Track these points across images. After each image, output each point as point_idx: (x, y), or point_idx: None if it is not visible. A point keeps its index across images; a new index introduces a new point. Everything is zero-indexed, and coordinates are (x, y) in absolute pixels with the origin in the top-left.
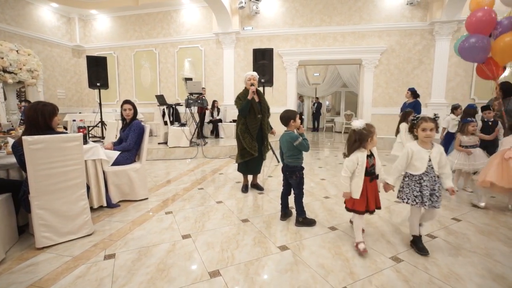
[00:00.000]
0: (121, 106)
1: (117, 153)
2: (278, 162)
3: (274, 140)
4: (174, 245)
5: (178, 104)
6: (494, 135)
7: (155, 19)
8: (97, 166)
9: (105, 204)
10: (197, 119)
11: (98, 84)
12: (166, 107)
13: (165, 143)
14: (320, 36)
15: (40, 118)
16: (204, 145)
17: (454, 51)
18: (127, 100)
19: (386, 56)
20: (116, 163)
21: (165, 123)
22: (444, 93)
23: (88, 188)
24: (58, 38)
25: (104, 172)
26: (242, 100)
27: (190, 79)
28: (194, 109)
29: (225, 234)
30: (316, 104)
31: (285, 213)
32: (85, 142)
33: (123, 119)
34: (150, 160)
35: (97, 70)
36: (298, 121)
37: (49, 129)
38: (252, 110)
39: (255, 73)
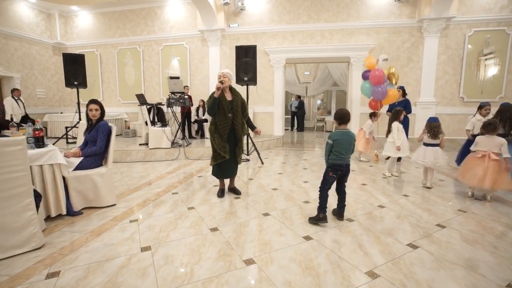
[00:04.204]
0: (87, 106)
1: (80, 159)
2: (262, 163)
3: (259, 141)
4: (130, 260)
5: (160, 104)
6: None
7: (138, 16)
8: (55, 171)
9: (65, 212)
10: (180, 119)
11: (75, 83)
12: (148, 107)
13: (147, 144)
14: (308, 33)
15: None
16: (186, 146)
17: (361, 92)
18: (94, 99)
19: (374, 54)
20: (80, 167)
21: (146, 123)
22: (433, 91)
23: (40, 196)
24: (37, 35)
25: (64, 178)
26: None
27: (178, 77)
28: (178, 109)
29: (189, 245)
30: (298, 102)
31: (326, 216)
32: (42, 145)
33: (88, 120)
34: (129, 162)
35: (75, 68)
36: None
37: None
38: (221, 109)
39: (226, 70)
